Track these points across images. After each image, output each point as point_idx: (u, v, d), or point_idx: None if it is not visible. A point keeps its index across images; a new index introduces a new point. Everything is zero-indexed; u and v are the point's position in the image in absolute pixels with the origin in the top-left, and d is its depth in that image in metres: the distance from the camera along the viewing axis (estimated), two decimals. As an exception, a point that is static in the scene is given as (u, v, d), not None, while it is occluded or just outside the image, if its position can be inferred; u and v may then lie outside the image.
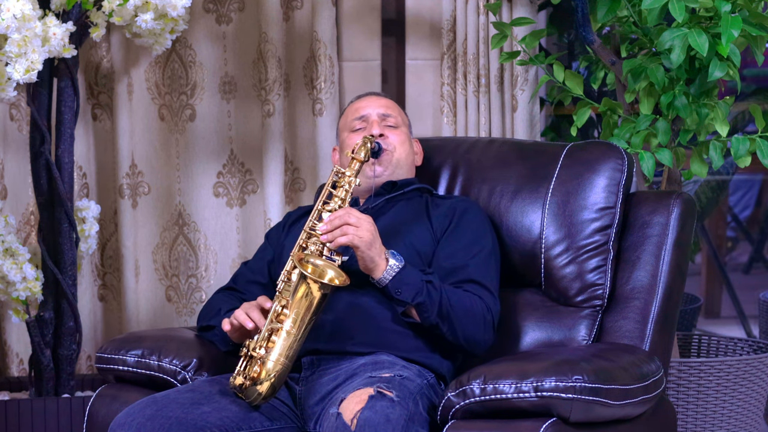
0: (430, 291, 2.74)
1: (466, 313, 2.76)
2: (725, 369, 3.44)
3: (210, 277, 4.02)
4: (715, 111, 3.37)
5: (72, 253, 3.58)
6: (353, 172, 2.83)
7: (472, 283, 2.81)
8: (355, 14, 4.00)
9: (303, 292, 2.68)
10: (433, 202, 3.00)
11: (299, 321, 2.67)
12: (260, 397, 2.66)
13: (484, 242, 2.90)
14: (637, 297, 2.92)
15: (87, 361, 4.00)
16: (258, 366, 2.65)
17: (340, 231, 2.71)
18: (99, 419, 2.87)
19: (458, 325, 2.75)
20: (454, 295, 2.76)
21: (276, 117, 3.89)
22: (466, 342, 2.77)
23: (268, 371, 2.65)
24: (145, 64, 3.97)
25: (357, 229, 2.70)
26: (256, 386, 2.66)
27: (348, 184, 2.81)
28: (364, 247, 2.71)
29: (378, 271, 2.74)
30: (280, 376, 2.66)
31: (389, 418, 2.46)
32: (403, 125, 3.09)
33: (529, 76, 3.81)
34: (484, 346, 2.80)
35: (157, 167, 4.00)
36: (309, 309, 2.68)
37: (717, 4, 3.18)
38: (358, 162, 2.84)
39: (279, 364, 2.65)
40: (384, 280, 2.74)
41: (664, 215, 2.95)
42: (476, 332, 2.77)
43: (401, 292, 2.73)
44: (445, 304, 2.74)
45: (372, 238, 2.72)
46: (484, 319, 2.78)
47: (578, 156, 3.02)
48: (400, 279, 2.74)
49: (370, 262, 2.73)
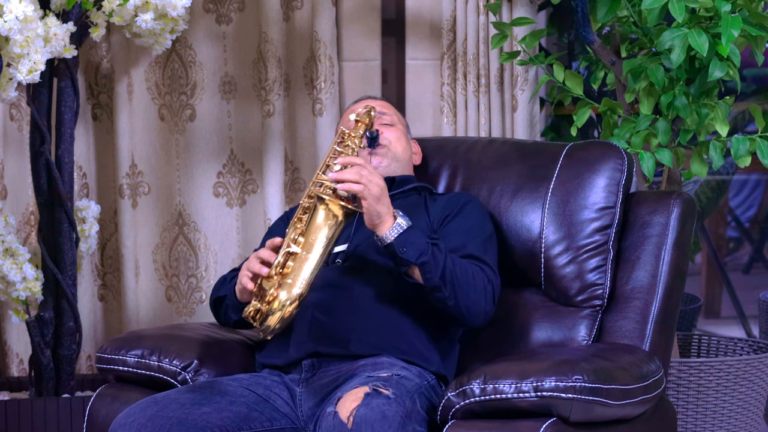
0: (435, 252, 2.71)
1: (469, 280, 2.74)
2: (725, 369, 3.44)
3: (210, 277, 4.02)
4: (715, 111, 3.37)
5: (72, 253, 3.58)
6: (358, 133, 2.82)
7: (473, 258, 2.81)
8: (355, 14, 4.00)
9: (323, 215, 2.65)
10: (431, 198, 3.01)
11: (318, 245, 2.64)
12: (269, 328, 2.66)
13: (484, 228, 2.90)
14: (637, 297, 2.92)
15: (87, 361, 4.00)
16: (275, 290, 2.64)
17: (354, 177, 2.66)
18: (99, 419, 2.87)
19: (460, 291, 2.72)
20: (458, 261, 2.75)
21: (276, 117, 3.89)
22: (467, 310, 2.74)
23: (282, 301, 2.63)
24: (145, 64, 3.98)
25: (369, 181, 2.66)
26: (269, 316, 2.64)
27: (352, 143, 2.80)
28: (372, 200, 2.67)
29: (384, 227, 2.69)
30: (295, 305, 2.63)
31: (385, 414, 2.46)
32: (399, 123, 3.09)
33: (529, 76, 3.81)
34: (485, 317, 2.78)
35: (157, 167, 4.00)
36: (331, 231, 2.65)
37: (717, 4, 3.18)
38: (363, 124, 2.84)
39: (299, 288, 2.63)
40: (389, 237, 2.69)
41: (664, 215, 2.95)
42: (478, 301, 2.75)
43: (406, 251, 2.69)
44: (449, 267, 2.71)
45: (380, 192, 2.68)
46: (485, 289, 2.76)
47: (578, 156, 3.02)
48: (406, 238, 2.69)
49: (376, 217, 2.69)
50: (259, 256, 2.74)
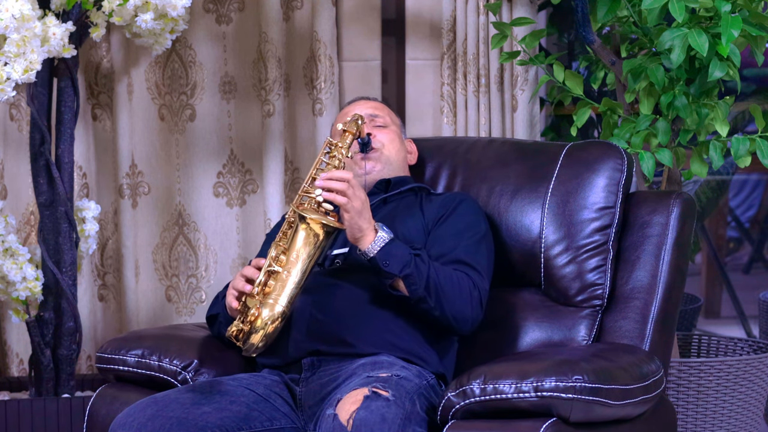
0: (418, 264, 2.73)
1: (454, 288, 2.75)
2: (725, 369, 3.44)
3: (210, 277, 4.03)
4: (715, 111, 3.37)
5: (72, 253, 3.58)
6: (345, 144, 2.83)
7: (461, 263, 2.81)
8: (355, 14, 4.00)
9: (304, 236, 2.66)
10: (427, 198, 3.01)
11: (298, 265, 2.66)
12: (253, 347, 2.67)
13: (476, 229, 2.90)
14: (637, 297, 2.92)
15: (87, 361, 4.00)
16: (255, 310, 2.64)
17: (340, 187, 2.68)
18: (99, 419, 2.87)
19: (445, 300, 2.74)
20: (442, 271, 2.76)
21: (276, 117, 3.89)
22: (453, 318, 2.76)
23: (264, 319, 2.64)
24: (145, 64, 3.98)
25: (354, 194, 2.69)
26: (252, 334, 2.65)
27: (340, 154, 2.81)
28: (353, 213, 2.69)
29: (365, 240, 2.72)
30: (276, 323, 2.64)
31: (385, 417, 2.46)
32: (392, 125, 3.09)
33: (529, 76, 3.81)
34: (472, 323, 2.78)
35: (157, 167, 4.00)
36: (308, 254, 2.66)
37: (717, 4, 3.18)
38: (350, 134, 2.84)
39: (281, 306, 2.63)
40: (371, 251, 2.72)
41: (663, 215, 2.95)
42: (464, 308, 2.76)
43: (389, 264, 2.71)
44: (432, 277, 2.73)
45: (362, 207, 2.70)
46: (470, 295, 2.77)
47: (578, 156, 3.02)
48: (388, 251, 2.72)
49: (357, 230, 2.71)
50: (244, 274, 2.77)
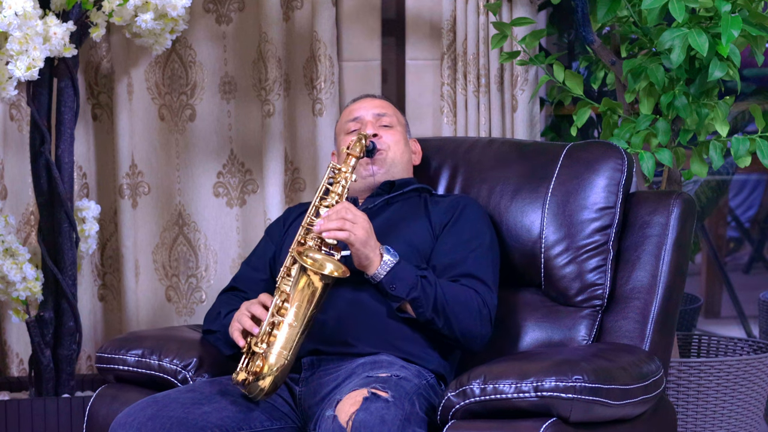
0: (425, 286, 2.74)
1: (462, 308, 2.75)
2: (725, 369, 3.44)
3: (210, 277, 4.03)
4: (715, 111, 3.37)
5: (72, 253, 3.58)
6: (349, 168, 2.83)
7: (469, 278, 2.81)
8: (355, 14, 4.00)
9: (303, 285, 2.69)
10: (432, 200, 3.00)
11: (301, 314, 2.68)
12: (262, 392, 2.66)
13: (483, 237, 2.90)
14: (637, 297, 2.92)
15: (87, 361, 4.00)
16: (260, 360, 2.65)
17: (337, 225, 2.71)
18: (99, 419, 2.87)
19: (454, 320, 2.75)
20: (450, 290, 2.76)
21: (276, 117, 3.89)
22: (462, 336, 2.77)
23: (270, 366, 2.65)
24: (145, 64, 3.98)
25: (353, 226, 2.71)
26: (258, 381, 2.66)
27: (344, 180, 2.82)
28: (359, 245, 2.71)
29: (372, 267, 2.74)
30: (282, 371, 2.66)
31: (384, 419, 2.46)
32: (398, 125, 3.09)
33: (529, 76, 3.81)
34: (482, 341, 2.80)
35: (157, 167, 4.00)
36: (310, 302, 2.68)
37: (717, 4, 3.18)
38: (354, 157, 2.85)
39: (282, 358, 2.65)
40: (378, 276, 2.74)
41: (664, 215, 2.95)
42: (473, 326, 2.77)
43: (396, 288, 2.73)
44: (440, 298, 2.74)
45: (366, 236, 2.72)
46: (480, 313, 2.77)
47: (578, 156, 3.02)
48: (395, 274, 2.73)
49: (364, 259, 2.74)
50: (250, 311, 2.76)
